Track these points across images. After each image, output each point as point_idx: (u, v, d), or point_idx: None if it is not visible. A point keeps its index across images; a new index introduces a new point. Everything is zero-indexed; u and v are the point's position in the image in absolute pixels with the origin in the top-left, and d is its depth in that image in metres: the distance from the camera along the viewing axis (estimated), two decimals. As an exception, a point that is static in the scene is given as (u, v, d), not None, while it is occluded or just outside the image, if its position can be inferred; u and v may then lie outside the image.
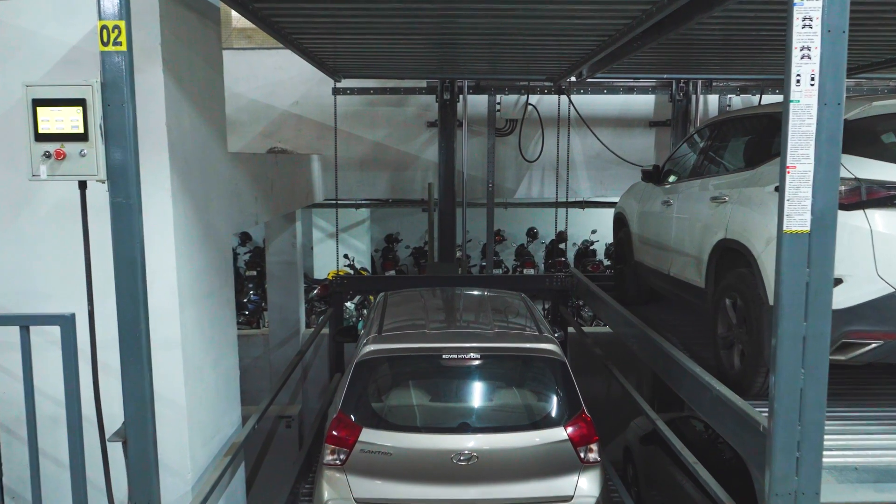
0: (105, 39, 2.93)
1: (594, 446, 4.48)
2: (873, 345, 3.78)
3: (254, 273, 13.16)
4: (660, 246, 5.97)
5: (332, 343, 8.69)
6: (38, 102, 3.01)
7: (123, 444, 3.12)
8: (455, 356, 4.59)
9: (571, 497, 4.41)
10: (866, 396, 4.39)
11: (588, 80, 9.35)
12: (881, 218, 3.68)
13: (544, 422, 4.58)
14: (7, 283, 4.12)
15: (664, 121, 10.42)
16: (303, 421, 8.61)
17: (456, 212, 10.19)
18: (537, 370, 4.83)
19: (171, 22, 4.10)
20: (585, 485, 4.42)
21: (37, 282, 4.12)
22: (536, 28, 5.49)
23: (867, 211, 3.71)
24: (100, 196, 3.26)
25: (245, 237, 15.21)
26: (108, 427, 3.43)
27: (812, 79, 2.92)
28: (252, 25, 5.47)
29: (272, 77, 10.37)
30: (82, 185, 3.18)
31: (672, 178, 6.12)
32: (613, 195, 9.95)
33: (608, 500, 4.94)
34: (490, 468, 4.36)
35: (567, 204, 10.61)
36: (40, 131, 3.02)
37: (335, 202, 10.28)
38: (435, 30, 5.71)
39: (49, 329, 3.47)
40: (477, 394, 4.83)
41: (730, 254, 4.59)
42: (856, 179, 3.70)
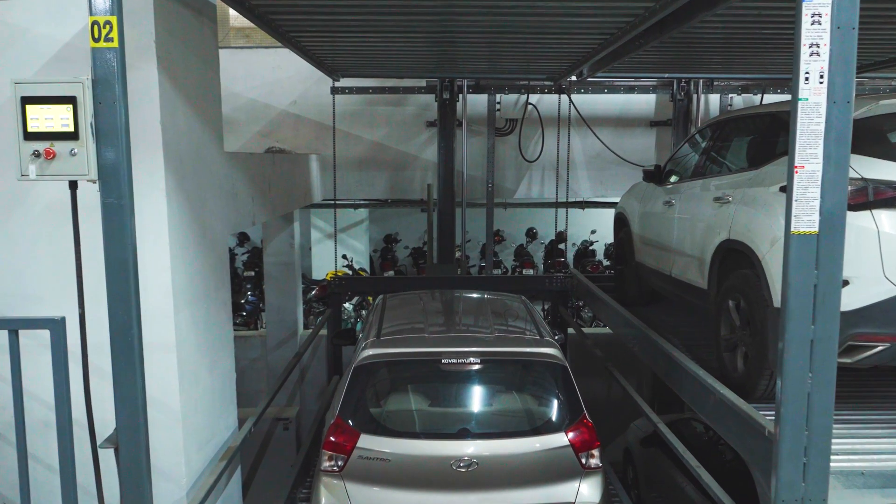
0: (96, 35, 2.86)
1: (596, 452, 4.41)
2: (880, 347, 3.73)
3: (252, 273, 13.08)
4: (661, 247, 5.91)
5: (331, 345, 8.62)
6: (27, 100, 2.93)
7: (115, 451, 3.05)
8: (455, 360, 4.53)
9: None
10: (872, 399, 4.33)
11: (589, 80, 9.28)
12: (888, 219, 3.62)
13: (545, 427, 4.51)
14: (-2, 285, 4.05)
15: (665, 120, 10.36)
16: (301, 423, 8.54)
17: (455, 212, 10.13)
18: (538, 374, 4.76)
19: (166, 18, 4.03)
20: (587, 491, 4.35)
21: (28, 284, 4.05)
22: (537, 26, 5.42)
23: (874, 211, 3.65)
24: (93, 196, 3.19)
25: (243, 237, 15.14)
26: (102, 431, 3.36)
27: (821, 76, 2.85)
28: (251, 24, 5.40)
29: (270, 76, 10.31)
30: (73, 186, 3.10)
31: (674, 179, 6.06)
32: (614, 195, 9.89)
33: (610, 507, 4.88)
34: (490, 474, 4.29)
35: (567, 204, 10.54)
36: (29, 130, 2.94)
37: (333, 202, 10.22)
38: (434, 28, 5.64)
39: (42, 332, 3.39)
40: (477, 399, 4.75)
41: (733, 255, 4.53)
42: (862, 179, 3.64)
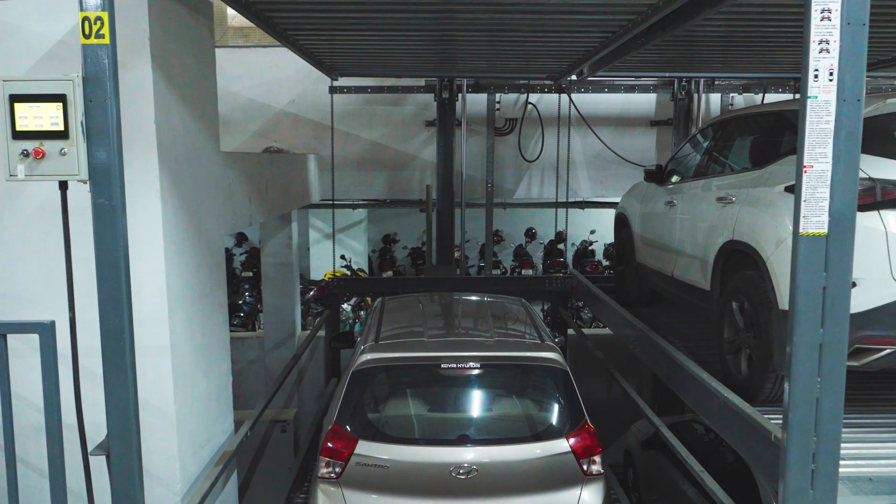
0: (87, 32, 2.78)
1: (597, 458, 4.35)
2: (888, 350, 3.66)
3: (250, 274, 13.02)
4: (663, 247, 5.84)
5: (329, 347, 8.55)
6: (16, 98, 2.85)
7: (107, 458, 2.98)
8: (454, 365, 4.47)
9: None
10: (879, 403, 4.26)
11: (589, 79, 9.22)
12: (896, 219, 3.56)
13: (546, 433, 4.45)
14: (-11, 288, 3.98)
15: (666, 120, 10.30)
16: (298, 425, 8.46)
17: (454, 212, 10.06)
18: (539, 379, 4.70)
19: (160, 15, 3.96)
20: (588, 498, 4.28)
21: (20, 286, 3.98)
22: (537, 24, 5.36)
23: (882, 212, 3.58)
24: (85, 197, 3.11)
25: (241, 238, 15.08)
26: (96, 435, 3.28)
27: (830, 74, 2.78)
28: (249, 24, 5.34)
29: (268, 75, 10.25)
30: (63, 186, 3.03)
31: (675, 178, 6.00)
32: (614, 195, 9.83)
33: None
34: (490, 481, 4.22)
35: (567, 204, 10.48)
36: (18, 128, 2.86)
37: (332, 202, 10.15)
38: (434, 25, 5.57)
39: (34, 335, 3.30)
40: (476, 404, 4.69)
41: (737, 255, 4.47)
42: (870, 179, 3.57)
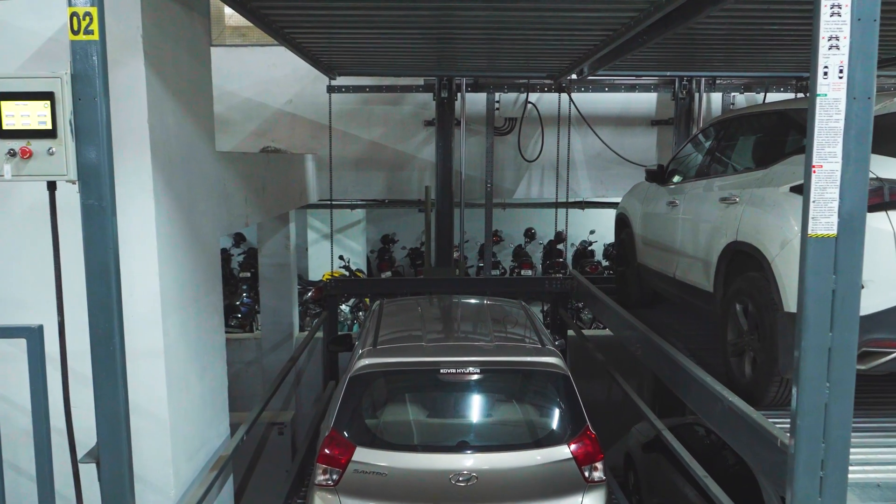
0: (76, 28, 2.70)
1: (599, 465, 4.27)
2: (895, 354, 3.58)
3: (248, 275, 12.94)
4: (664, 248, 5.77)
5: (326, 350, 8.48)
6: (2, 96, 2.75)
7: (97, 466, 2.90)
8: (453, 370, 4.40)
9: None
10: (887, 407, 4.19)
11: (589, 78, 9.15)
12: (905, 220, 3.48)
13: (547, 439, 4.37)
14: (-22, 290, 3.90)
15: (666, 119, 10.23)
16: (296, 428, 8.38)
17: (453, 212, 9.98)
18: (539, 385, 4.63)
19: (154, 12, 3.89)
20: None
21: (10, 289, 3.91)
22: (538, 22, 5.28)
23: (890, 213, 3.51)
24: (76, 197, 3.02)
25: (239, 238, 15.01)
26: (89, 440, 3.21)
27: (840, 71, 2.70)
28: (247, 23, 5.26)
29: (266, 75, 10.19)
30: (51, 186, 2.95)
31: (677, 178, 5.93)
32: (614, 195, 9.77)
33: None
34: (490, 489, 4.14)
35: (567, 204, 10.41)
36: (4, 127, 2.77)
37: (330, 203, 10.08)
38: (432, 23, 5.50)
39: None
40: (476, 410, 4.62)
41: (740, 257, 4.40)
42: (878, 179, 3.49)
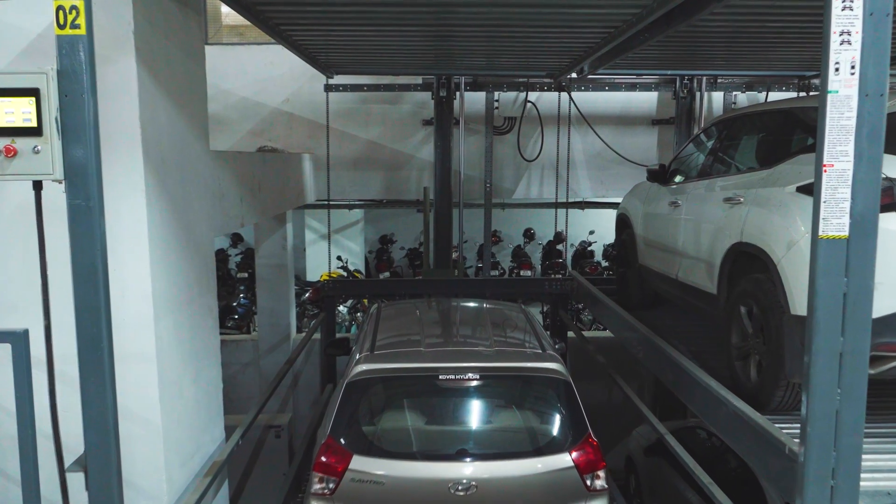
0: (62, 22, 2.61)
1: (601, 473, 4.20)
2: (905, 358, 3.51)
3: (245, 275, 12.87)
4: (666, 249, 5.69)
5: (324, 352, 8.39)
6: (-14, 92, 2.68)
7: (85, 474, 2.81)
8: (452, 376, 4.32)
9: None
10: (894, 412, 4.11)
11: (589, 77, 9.07)
12: (915, 221, 3.39)
13: (548, 447, 4.30)
14: (-34, 293, 3.81)
15: (667, 119, 10.15)
16: (293, 431, 8.29)
17: (452, 213, 9.90)
18: (540, 391, 4.55)
19: (146, 8, 3.79)
20: None
21: (1, 291, 3.81)
22: (538, 18, 5.20)
23: None
24: (64, 197, 2.94)
25: (237, 238, 14.94)
26: (77, 447, 3.12)
27: (852, 67, 2.61)
28: (244, 22, 5.18)
29: (263, 73, 10.10)
30: (37, 186, 2.85)
31: (679, 178, 5.85)
32: (614, 195, 9.69)
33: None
34: (490, 498, 4.07)
35: (567, 204, 10.33)
36: (-13, 125, 2.70)
37: (327, 203, 10.00)
38: (430, 20, 5.41)
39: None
40: (476, 417, 4.55)
41: (745, 258, 4.31)
42: (888, 179, 3.41)
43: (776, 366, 3.89)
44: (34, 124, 2.67)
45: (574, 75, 8.31)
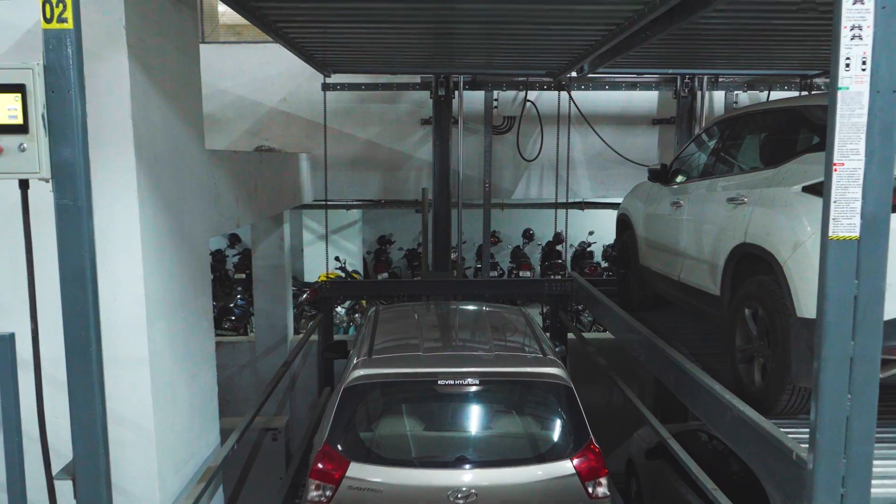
0: (48, 15, 2.53)
1: (603, 480, 4.13)
2: (915, 362, 3.43)
3: (243, 276, 12.79)
4: (668, 250, 5.62)
5: (321, 356, 8.31)
6: (-31, 88, 2.60)
7: (73, 482, 2.73)
8: (451, 381, 4.25)
9: None
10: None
11: (589, 76, 9.01)
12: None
13: (549, 454, 4.23)
14: (-45, 295, 3.73)
15: (668, 118, 10.08)
16: (290, 434, 8.21)
17: (451, 213, 9.82)
18: (541, 396, 4.48)
19: (138, 3, 3.72)
20: None
21: (-12, 292, 3.73)
22: (538, 16, 5.13)
23: None
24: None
25: (234, 239, 14.86)
26: (67, 452, 3.04)
27: (863, 63, 2.54)
28: (242, 20, 5.11)
29: (260, 72, 10.04)
30: (23, 185, 2.77)
31: (681, 178, 5.78)
32: (615, 195, 9.61)
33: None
34: None
35: (566, 205, 10.26)
36: (-29, 122, 2.61)
37: (325, 203, 9.92)
38: (429, 17, 5.35)
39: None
40: (475, 423, 4.47)
41: (749, 259, 4.24)
42: (897, 179, 3.34)
43: (781, 369, 3.82)
44: (20, 121, 2.60)
45: (574, 74, 8.25)
